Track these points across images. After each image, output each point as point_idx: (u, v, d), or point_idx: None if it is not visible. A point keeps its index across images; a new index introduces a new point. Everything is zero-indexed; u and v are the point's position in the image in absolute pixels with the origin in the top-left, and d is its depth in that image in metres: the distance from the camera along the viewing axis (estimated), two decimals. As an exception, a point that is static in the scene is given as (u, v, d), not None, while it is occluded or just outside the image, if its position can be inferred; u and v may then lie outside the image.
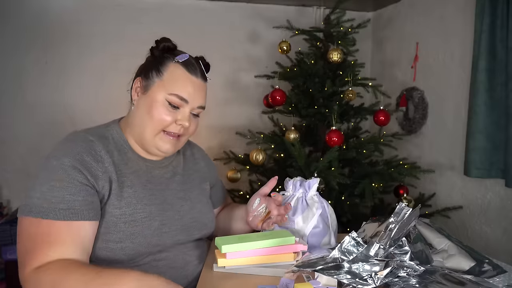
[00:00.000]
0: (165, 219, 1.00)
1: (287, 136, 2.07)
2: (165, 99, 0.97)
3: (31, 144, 2.56)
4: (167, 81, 0.98)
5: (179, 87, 0.98)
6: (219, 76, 2.84)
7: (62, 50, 2.60)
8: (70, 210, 0.85)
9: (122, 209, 0.93)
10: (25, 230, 0.85)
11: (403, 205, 0.79)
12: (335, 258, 0.77)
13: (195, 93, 1.00)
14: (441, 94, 2.34)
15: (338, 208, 2.00)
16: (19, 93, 2.57)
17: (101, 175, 0.92)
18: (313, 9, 2.90)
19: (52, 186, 0.86)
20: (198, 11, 2.77)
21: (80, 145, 0.93)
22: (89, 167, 0.90)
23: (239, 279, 0.94)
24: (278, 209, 1.09)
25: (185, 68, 0.99)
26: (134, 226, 0.93)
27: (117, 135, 1.02)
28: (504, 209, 1.95)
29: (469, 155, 1.95)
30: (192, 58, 1.03)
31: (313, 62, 2.17)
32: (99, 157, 0.93)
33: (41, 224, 0.84)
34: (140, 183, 0.99)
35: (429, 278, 0.77)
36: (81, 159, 0.90)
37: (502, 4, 1.83)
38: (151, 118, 0.97)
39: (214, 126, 2.80)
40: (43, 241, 0.83)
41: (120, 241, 0.92)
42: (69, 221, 0.85)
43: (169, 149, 1.01)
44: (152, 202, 0.99)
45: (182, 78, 0.99)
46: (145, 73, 1.01)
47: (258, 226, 1.11)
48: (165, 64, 1.00)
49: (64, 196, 0.86)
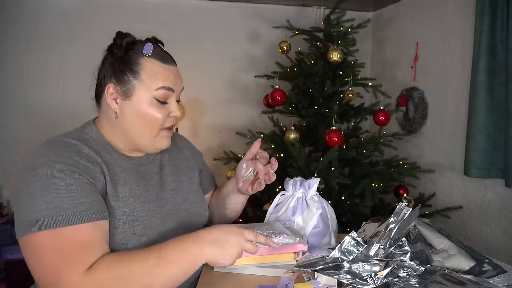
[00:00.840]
0: (164, 215, 0.99)
1: (287, 136, 2.07)
2: (153, 97, 0.93)
3: (31, 144, 2.55)
4: (148, 79, 0.93)
5: (163, 80, 0.94)
6: (219, 76, 2.85)
7: (62, 50, 2.60)
8: (91, 211, 0.81)
9: (120, 209, 0.90)
10: (42, 245, 0.77)
11: (403, 205, 0.79)
12: (335, 258, 0.77)
13: (176, 79, 0.98)
14: (441, 94, 2.34)
15: (338, 208, 2.00)
16: (20, 93, 2.57)
17: (98, 176, 0.88)
18: (313, 9, 2.90)
19: (58, 193, 0.80)
20: (199, 11, 2.77)
21: (66, 149, 0.87)
22: (86, 169, 0.86)
23: (239, 279, 0.94)
24: (264, 169, 1.08)
25: (159, 60, 0.95)
26: (135, 225, 0.91)
27: (96, 137, 0.97)
28: (504, 209, 1.95)
29: (469, 155, 1.95)
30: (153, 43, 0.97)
31: (313, 62, 2.17)
32: (91, 158, 0.89)
33: (62, 232, 0.77)
34: (134, 180, 0.96)
35: (429, 278, 0.77)
36: (75, 162, 0.85)
37: (502, 4, 1.83)
38: (146, 122, 0.94)
39: (214, 126, 2.81)
40: (74, 247, 0.77)
41: (123, 243, 0.89)
42: (93, 222, 0.81)
43: (167, 144, 1.00)
44: (148, 199, 0.96)
45: (160, 70, 0.95)
46: (118, 78, 0.94)
47: (249, 190, 1.11)
48: (136, 62, 0.93)
49: (78, 199, 0.81)
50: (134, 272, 0.77)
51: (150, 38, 1.01)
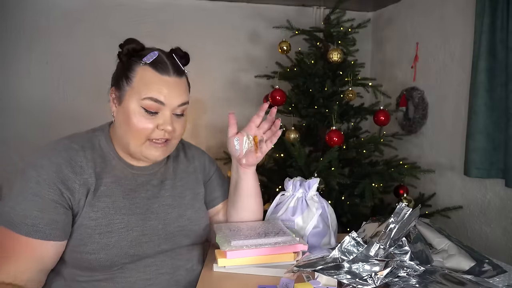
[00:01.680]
0: (146, 229, 0.96)
1: (287, 136, 2.07)
2: (140, 106, 0.91)
3: (32, 144, 2.56)
4: (137, 87, 0.91)
5: (150, 90, 0.90)
6: (219, 76, 2.85)
7: (63, 50, 2.60)
8: (33, 227, 0.85)
9: (97, 220, 0.90)
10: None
11: (403, 205, 0.79)
12: (335, 258, 0.77)
13: (171, 92, 0.92)
14: (441, 94, 2.34)
15: (338, 208, 2.00)
16: (20, 93, 2.57)
17: (77, 188, 0.89)
18: (313, 9, 2.90)
19: (24, 198, 0.86)
20: (199, 11, 2.77)
21: (61, 155, 0.90)
22: (66, 180, 0.88)
23: (239, 279, 0.94)
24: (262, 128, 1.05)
25: (154, 69, 0.92)
26: (110, 237, 0.90)
27: (105, 142, 0.98)
28: (504, 209, 1.95)
29: (469, 155, 1.95)
30: (164, 54, 0.95)
31: (313, 62, 2.17)
32: (78, 168, 0.90)
33: (7, 235, 0.85)
34: (121, 192, 0.95)
35: (429, 278, 0.77)
36: (59, 171, 0.88)
37: (502, 4, 1.83)
38: (131, 129, 0.92)
39: (214, 126, 2.80)
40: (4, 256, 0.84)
41: (94, 253, 0.89)
42: (31, 238, 0.85)
43: (158, 156, 0.96)
44: (132, 211, 0.95)
45: (153, 80, 0.91)
46: (116, 83, 0.96)
47: (258, 156, 1.04)
48: (132, 69, 0.93)
49: (32, 211, 0.85)
50: None
51: (174, 48, 0.99)
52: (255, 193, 1.12)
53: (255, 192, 1.12)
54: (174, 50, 0.98)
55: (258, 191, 1.13)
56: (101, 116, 2.97)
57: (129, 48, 0.95)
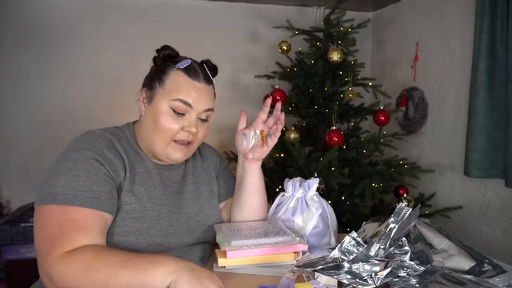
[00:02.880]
0: (173, 221, 1.01)
1: (287, 136, 2.07)
2: (169, 107, 0.97)
3: (31, 144, 2.56)
4: (169, 89, 0.98)
5: (181, 93, 0.97)
6: (219, 76, 2.82)
7: (62, 50, 2.60)
8: (97, 199, 0.87)
9: (132, 205, 0.95)
10: (48, 217, 0.84)
11: (403, 205, 0.79)
12: (335, 258, 0.77)
13: (199, 97, 0.99)
14: (441, 94, 2.34)
15: (338, 208, 2.00)
16: (20, 93, 2.57)
17: (120, 171, 0.94)
18: (313, 9, 2.90)
19: (76, 175, 0.87)
20: (199, 11, 2.77)
21: (100, 141, 0.95)
22: (110, 162, 0.93)
23: (239, 279, 0.94)
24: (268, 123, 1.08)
25: (187, 74, 0.99)
26: (142, 222, 0.95)
27: (130, 137, 1.04)
28: (504, 209, 1.95)
29: (469, 155, 1.95)
30: (196, 63, 1.03)
31: (313, 62, 2.17)
32: (118, 154, 0.96)
33: (67, 210, 0.84)
34: (152, 182, 1.01)
35: (429, 278, 0.77)
36: (103, 154, 0.92)
37: (502, 4, 1.83)
38: (158, 129, 0.97)
39: (214, 126, 2.80)
40: (71, 227, 0.83)
41: (125, 235, 0.92)
42: (96, 210, 0.86)
43: (179, 158, 1.00)
44: (162, 202, 1.00)
45: (184, 84, 0.98)
46: (149, 84, 1.01)
47: (265, 150, 1.07)
48: (166, 72, 0.99)
49: (91, 186, 0.87)
50: (99, 264, 0.78)
51: (205, 60, 1.06)
52: (260, 189, 1.14)
53: (260, 189, 1.14)
54: (204, 61, 1.06)
55: (262, 189, 1.15)
56: (100, 116, 2.98)
57: (165, 53, 1.01)
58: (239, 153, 1.12)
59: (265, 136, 1.07)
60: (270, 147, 1.07)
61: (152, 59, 1.04)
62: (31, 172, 2.53)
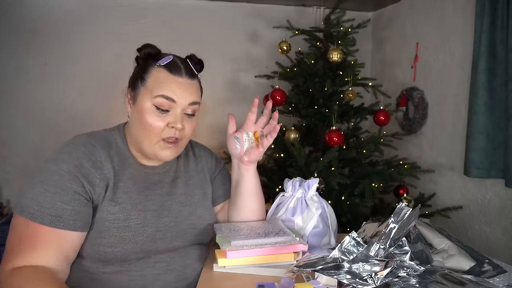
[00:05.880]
0: (161, 226, 0.99)
1: (287, 136, 2.07)
2: (153, 104, 0.95)
3: (31, 144, 2.57)
4: (151, 86, 0.96)
5: (163, 89, 0.95)
6: (219, 76, 2.85)
7: (62, 51, 2.60)
8: (57, 217, 0.86)
9: (115, 214, 0.93)
10: (15, 227, 0.88)
11: (403, 205, 0.79)
12: (335, 258, 0.77)
13: (182, 92, 0.97)
14: (441, 94, 2.34)
15: (338, 208, 2.00)
16: (19, 94, 2.57)
17: (98, 182, 0.92)
18: (313, 9, 2.90)
19: (45, 190, 0.87)
20: (198, 11, 2.77)
21: (81, 150, 0.93)
22: (87, 173, 0.91)
23: (239, 279, 0.94)
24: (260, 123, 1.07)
25: (168, 70, 0.97)
26: (127, 231, 0.93)
27: (120, 141, 1.02)
28: (504, 209, 1.95)
29: (469, 155, 1.95)
30: (179, 59, 1.01)
31: (313, 62, 2.17)
32: (98, 163, 0.94)
33: (29, 226, 0.86)
34: (137, 189, 0.99)
35: (429, 278, 0.77)
36: (80, 165, 0.91)
37: (502, 4, 1.83)
38: (144, 128, 0.96)
39: (214, 126, 2.80)
40: (27, 244, 0.85)
41: (111, 246, 0.92)
42: (54, 228, 0.86)
43: (168, 156, 0.99)
44: (147, 208, 0.98)
45: (165, 79, 0.96)
46: (133, 84, 1.00)
47: (260, 151, 1.06)
48: (148, 70, 0.98)
49: (55, 203, 0.87)
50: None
51: (189, 55, 1.04)
52: (257, 191, 1.13)
53: (257, 191, 1.13)
54: (189, 57, 1.04)
55: (259, 190, 1.14)
56: (100, 116, 2.98)
57: (145, 52, 0.99)
58: (233, 157, 1.11)
59: (259, 137, 1.06)
60: (265, 147, 1.06)
61: (135, 59, 1.02)
62: (31, 172, 2.53)
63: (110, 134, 1.02)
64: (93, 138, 0.98)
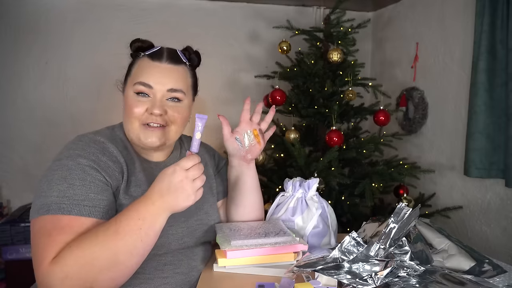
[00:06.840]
0: (172, 221, 0.97)
1: (287, 136, 2.07)
2: (133, 92, 0.97)
3: (31, 144, 2.56)
4: (134, 75, 0.99)
5: (142, 75, 0.97)
6: (219, 76, 2.85)
7: (62, 50, 2.60)
8: (96, 208, 0.84)
9: None
10: (41, 228, 0.81)
11: (403, 205, 0.79)
12: (335, 258, 0.77)
13: (160, 77, 0.97)
14: (441, 94, 2.34)
15: (338, 208, 2.00)
16: (19, 93, 2.57)
17: (117, 175, 0.92)
18: (313, 9, 2.90)
19: (72, 184, 0.84)
20: (198, 11, 2.77)
21: (93, 146, 0.91)
22: (106, 167, 0.90)
23: (239, 279, 0.94)
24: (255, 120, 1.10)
25: (150, 58, 0.99)
26: None
27: (123, 137, 1.02)
28: (504, 209, 1.95)
29: (469, 155, 1.95)
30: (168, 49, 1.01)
31: (313, 62, 2.17)
32: (113, 157, 0.93)
33: (61, 219, 0.80)
34: (148, 182, 0.98)
35: (429, 278, 0.77)
36: (98, 160, 0.89)
37: (502, 4, 1.83)
38: (127, 115, 0.98)
39: (214, 126, 2.80)
40: (60, 233, 0.79)
41: None
42: (94, 218, 0.83)
43: (154, 142, 0.98)
44: None
45: (145, 66, 0.98)
46: (124, 78, 1.04)
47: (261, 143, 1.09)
48: (134, 62, 1.01)
49: (88, 194, 0.84)
50: (97, 252, 0.77)
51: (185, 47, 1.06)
52: (257, 187, 1.15)
53: (257, 187, 1.15)
54: (184, 48, 1.06)
55: (259, 186, 1.17)
56: (100, 116, 2.98)
57: (135, 46, 1.02)
58: (232, 157, 1.12)
59: (258, 133, 1.09)
60: (265, 141, 1.11)
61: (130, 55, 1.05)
62: (31, 172, 2.53)
63: (113, 131, 1.03)
64: (100, 135, 0.97)
